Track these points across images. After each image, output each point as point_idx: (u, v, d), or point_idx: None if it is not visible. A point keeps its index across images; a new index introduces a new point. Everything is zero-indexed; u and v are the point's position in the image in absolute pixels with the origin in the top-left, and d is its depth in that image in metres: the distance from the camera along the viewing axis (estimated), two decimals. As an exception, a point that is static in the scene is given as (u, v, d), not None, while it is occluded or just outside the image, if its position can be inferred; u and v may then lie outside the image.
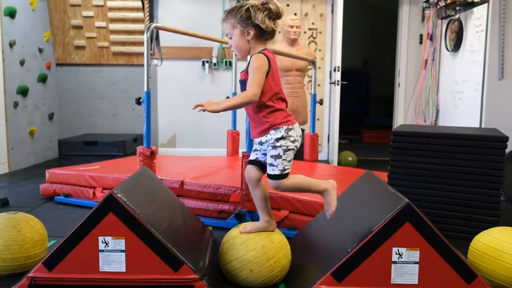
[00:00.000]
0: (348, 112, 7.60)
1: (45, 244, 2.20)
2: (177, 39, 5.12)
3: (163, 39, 5.36)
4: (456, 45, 4.33)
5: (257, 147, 2.09)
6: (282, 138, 1.99)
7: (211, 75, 5.51)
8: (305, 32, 5.48)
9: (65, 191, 3.48)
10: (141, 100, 2.72)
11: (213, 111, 1.92)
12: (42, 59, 5.29)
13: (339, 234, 2.01)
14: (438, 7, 4.54)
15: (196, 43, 5.27)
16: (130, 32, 5.54)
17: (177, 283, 1.79)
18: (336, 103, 4.87)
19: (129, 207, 1.78)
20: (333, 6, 5.39)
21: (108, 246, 1.79)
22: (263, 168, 2.07)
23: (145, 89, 2.73)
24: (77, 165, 3.86)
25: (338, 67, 4.80)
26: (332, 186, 2.04)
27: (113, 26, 5.51)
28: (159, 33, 5.34)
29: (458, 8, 4.22)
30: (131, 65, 5.65)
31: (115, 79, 5.70)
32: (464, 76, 4.21)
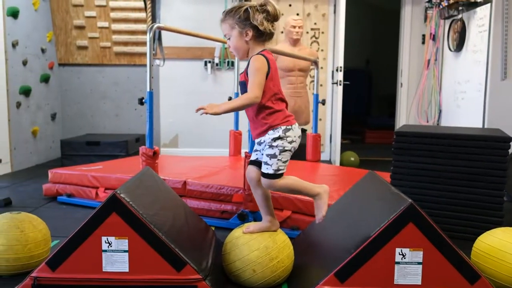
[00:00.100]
0: (350, 112, 7.59)
1: (48, 244, 2.20)
2: (179, 39, 5.13)
3: (165, 39, 5.36)
4: (459, 45, 4.32)
5: (257, 148, 2.09)
6: (279, 138, 1.99)
7: (213, 75, 5.52)
8: (308, 32, 5.48)
9: (68, 191, 3.48)
10: (144, 100, 2.73)
11: (215, 114, 1.93)
12: (45, 59, 5.30)
13: (342, 235, 2.01)
14: (441, 7, 4.54)
15: (198, 43, 5.27)
16: (133, 32, 5.55)
17: (180, 283, 1.79)
18: (339, 103, 4.87)
19: (132, 207, 1.78)
20: (336, 6, 5.39)
21: (111, 246, 1.79)
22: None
23: (148, 89, 2.73)
24: (80, 165, 3.87)
25: (341, 67, 4.80)
26: (325, 191, 2.06)
27: (116, 26, 5.52)
28: (161, 33, 5.34)
29: (461, 8, 4.21)
30: (134, 65, 5.66)
31: (118, 79, 5.70)
32: (467, 76, 4.20)
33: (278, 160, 1.99)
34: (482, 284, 1.74)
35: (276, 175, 2.01)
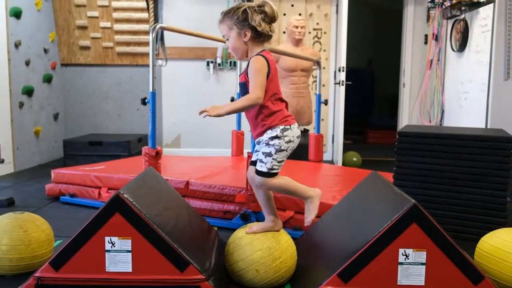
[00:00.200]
0: (353, 113, 7.59)
1: (51, 244, 2.21)
2: (182, 39, 5.13)
3: (167, 40, 5.37)
4: (462, 45, 4.32)
5: (257, 148, 2.10)
6: (277, 137, 2.00)
7: (216, 76, 5.52)
8: (310, 33, 5.48)
9: (71, 191, 3.49)
10: (147, 101, 2.73)
11: (217, 116, 1.95)
12: (47, 60, 5.31)
13: (345, 235, 2.01)
14: (444, 7, 4.53)
15: (201, 44, 5.28)
16: (135, 33, 5.55)
17: (183, 284, 1.79)
18: (341, 103, 4.86)
19: (136, 208, 1.78)
20: (338, 6, 5.38)
21: (115, 246, 1.79)
22: None
23: (151, 90, 2.73)
24: (83, 165, 3.87)
25: (343, 67, 4.80)
26: (317, 195, 2.07)
27: (118, 27, 5.53)
28: (164, 34, 5.34)
29: (464, 8, 4.20)
30: (136, 66, 5.66)
31: (120, 80, 5.71)
32: (470, 76, 4.20)
33: (273, 159, 2.00)
34: (486, 285, 1.74)
35: (270, 174, 2.01)
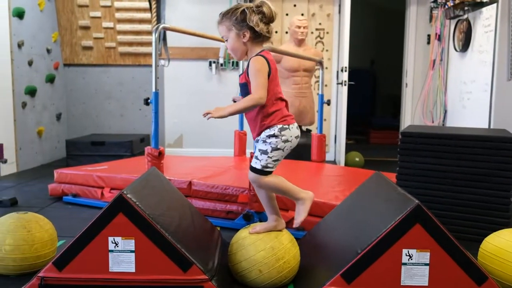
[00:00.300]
0: (355, 113, 7.58)
1: (55, 244, 2.21)
2: (184, 40, 5.14)
3: (170, 40, 5.37)
4: (465, 46, 4.31)
5: (256, 146, 2.10)
6: (274, 136, 2.01)
7: (218, 76, 5.52)
8: (312, 33, 5.48)
9: (74, 191, 3.49)
10: (149, 101, 2.73)
11: (220, 117, 1.96)
12: (50, 60, 5.32)
13: (348, 235, 2.00)
14: (446, 7, 4.52)
15: (203, 44, 5.27)
16: (137, 33, 5.56)
17: (187, 284, 1.79)
18: (343, 104, 4.86)
19: (139, 208, 1.78)
20: (340, 7, 5.38)
21: (118, 247, 1.79)
22: None
23: (153, 90, 2.74)
24: (85, 165, 3.88)
25: (346, 68, 4.79)
26: (309, 198, 2.08)
27: (121, 27, 5.53)
28: (166, 34, 5.35)
29: (467, 8, 4.19)
30: (138, 66, 5.67)
31: (122, 80, 5.72)
32: (473, 77, 4.19)
33: (268, 157, 2.01)
34: (489, 286, 1.73)
35: (263, 171, 2.02)
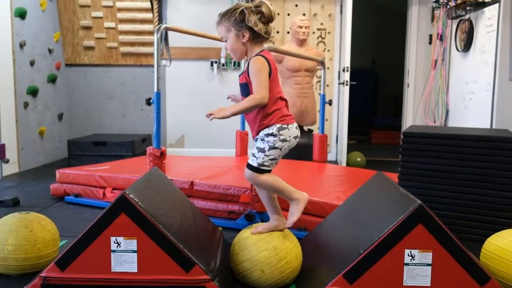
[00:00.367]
0: (356, 113, 7.58)
1: (57, 244, 2.21)
2: (185, 40, 5.14)
3: (171, 40, 5.37)
4: (467, 46, 4.30)
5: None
6: (272, 135, 2.01)
7: (220, 76, 5.52)
8: (314, 33, 5.48)
9: (75, 191, 3.49)
10: (151, 101, 2.74)
11: (223, 118, 1.97)
12: (52, 60, 5.32)
13: (350, 236, 2.00)
14: (448, 7, 4.51)
15: (204, 44, 5.27)
16: (139, 33, 5.56)
17: (189, 284, 1.79)
18: (345, 104, 4.86)
19: (141, 208, 1.78)
20: (342, 7, 5.37)
21: (120, 247, 1.79)
22: None
23: (155, 90, 2.74)
24: (87, 165, 3.88)
25: (347, 68, 4.79)
26: (304, 199, 2.07)
27: (122, 27, 5.54)
28: (168, 34, 5.35)
29: (469, 8, 4.19)
30: (140, 66, 5.67)
31: (124, 80, 5.72)
32: (475, 77, 4.18)
33: (265, 156, 2.01)
34: (492, 286, 1.73)
35: (259, 169, 2.02)
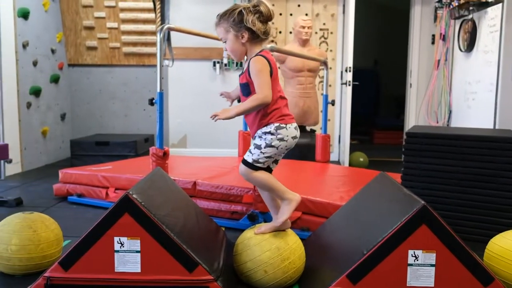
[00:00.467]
0: (358, 113, 7.57)
1: (60, 244, 2.21)
2: (187, 40, 5.14)
3: (173, 40, 5.37)
4: (470, 46, 4.29)
5: None
6: (270, 133, 2.01)
7: (222, 76, 5.52)
8: (316, 33, 5.47)
9: (78, 191, 3.50)
10: (154, 101, 2.74)
11: (227, 118, 1.97)
12: (55, 60, 5.33)
13: (354, 236, 2.00)
14: (451, 7, 4.50)
15: (207, 44, 5.27)
16: (142, 33, 5.57)
17: (192, 284, 1.79)
18: (348, 104, 4.85)
19: (145, 208, 1.78)
20: (345, 7, 5.37)
21: (124, 247, 1.79)
22: (266, 169, 2.10)
23: (158, 90, 2.74)
24: (90, 165, 3.89)
25: (350, 68, 4.79)
26: (296, 199, 2.06)
27: (125, 27, 5.54)
28: (170, 34, 5.35)
29: (472, 8, 4.18)
30: (143, 66, 5.68)
31: (127, 80, 5.73)
32: (478, 77, 4.17)
33: (261, 153, 2.02)
34: (496, 287, 1.72)
35: (253, 166, 2.03)
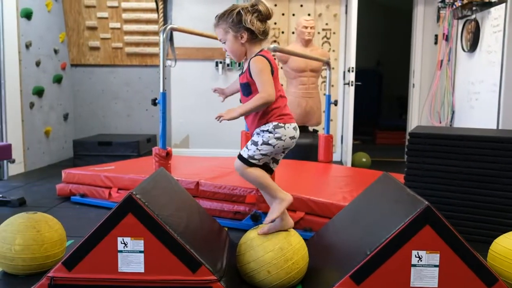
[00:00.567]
0: (361, 113, 7.56)
1: (64, 244, 2.22)
2: (189, 40, 5.14)
3: (176, 40, 5.37)
4: (473, 46, 4.28)
5: None
6: (268, 131, 2.02)
7: (225, 76, 5.52)
8: (319, 33, 5.47)
9: (81, 191, 3.50)
10: (157, 101, 2.74)
11: (232, 119, 1.97)
12: (57, 60, 5.34)
13: (357, 236, 2.00)
14: (454, 7, 4.50)
15: (209, 44, 5.27)
16: (144, 33, 5.57)
17: (195, 284, 1.79)
18: (350, 104, 4.84)
19: (148, 208, 1.78)
20: (347, 7, 5.37)
21: (127, 247, 1.79)
22: (267, 169, 2.11)
23: (161, 90, 2.75)
24: (93, 166, 3.89)
25: (352, 68, 4.78)
26: (287, 199, 2.06)
27: (127, 27, 5.55)
28: (173, 34, 5.35)
29: (475, 8, 4.17)
30: (145, 66, 5.68)
31: (129, 80, 5.73)
32: (481, 77, 4.16)
33: (257, 149, 2.02)
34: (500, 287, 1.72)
35: (248, 161, 2.03)
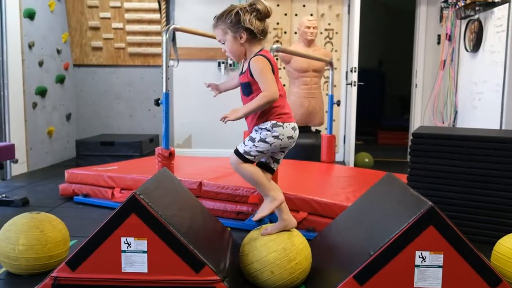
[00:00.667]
0: (363, 113, 7.55)
1: (67, 244, 2.22)
2: (192, 40, 5.13)
3: (178, 40, 5.36)
4: (476, 46, 4.27)
5: None
6: (266, 129, 2.03)
7: (227, 76, 5.52)
8: (321, 33, 5.47)
9: (84, 191, 3.51)
10: (160, 101, 2.74)
11: (236, 119, 1.98)
12: (60, 60, 5.35)
13: (361, 237, 1.99)
14: (457, 7, 4.49)
15: (212, 44, 5.26)
16: (147, 33, 5.57)
17: (199, 284, 1.79)
18: (353, 104, 4.84)
19: (152, 209, 1.79)
20: (350, 7, 5.36)
21: (131, 247, 1.79)
22: (267, 169, 2.11)
23: (164, 91, 2.75)
24: (96, 166, 3.90)
25: (355, 68, 4.78)
26: (279, 199, 2.05)
27: (130, 27, 5.55)
28: (175, 34, 5.35)
29: (478, 8, 4.16)
30: (147, 66, 5.69)
31: (132, 80, 5.74)
32: (484, 77, 4.16)
33: (254, 145, 2.03)
34: (504, 288, 1.72)
35: (243, 157, 2.04)
